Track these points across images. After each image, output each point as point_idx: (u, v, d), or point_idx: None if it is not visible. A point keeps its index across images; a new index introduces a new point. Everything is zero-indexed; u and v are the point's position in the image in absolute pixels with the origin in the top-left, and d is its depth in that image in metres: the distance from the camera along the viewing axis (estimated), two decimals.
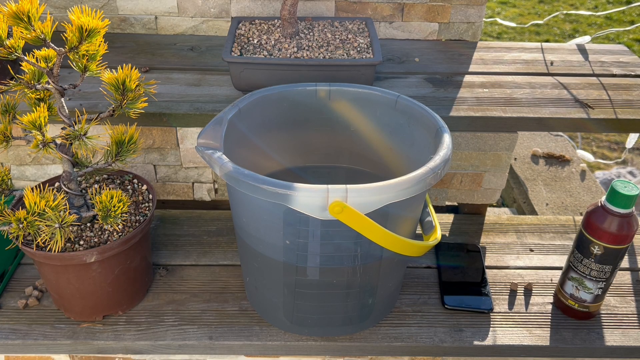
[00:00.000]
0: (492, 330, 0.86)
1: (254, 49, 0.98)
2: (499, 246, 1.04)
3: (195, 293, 0.91)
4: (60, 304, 0.85)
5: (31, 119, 0.69)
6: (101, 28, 0.68)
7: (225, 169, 0.67)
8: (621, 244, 0.79)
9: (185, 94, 0.99)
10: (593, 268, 0.82)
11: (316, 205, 0.64)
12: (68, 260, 0.75)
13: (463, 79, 1.07)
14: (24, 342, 0.82)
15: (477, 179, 1.08)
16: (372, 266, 0.75)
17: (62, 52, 0.68)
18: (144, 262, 0.86)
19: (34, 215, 0.69)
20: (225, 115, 0.78)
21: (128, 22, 1.20)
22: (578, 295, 0.85)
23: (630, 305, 0.91)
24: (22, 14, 0.63)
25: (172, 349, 0.83)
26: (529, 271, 0.98)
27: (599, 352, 0.85)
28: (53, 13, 1.16)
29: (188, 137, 1.01)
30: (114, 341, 0.82)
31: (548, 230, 1.08)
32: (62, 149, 0.75)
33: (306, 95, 0.88)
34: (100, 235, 0.78)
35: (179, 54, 1.13)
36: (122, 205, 0.73)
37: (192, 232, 1.04)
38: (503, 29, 3.15)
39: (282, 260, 0.74)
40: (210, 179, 1.08)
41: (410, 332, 0.85)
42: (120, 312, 0.86)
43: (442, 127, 0.77)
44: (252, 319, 0.86)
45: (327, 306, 0.79)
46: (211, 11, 1.19)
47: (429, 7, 1.19)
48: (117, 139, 0.77)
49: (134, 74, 0.72)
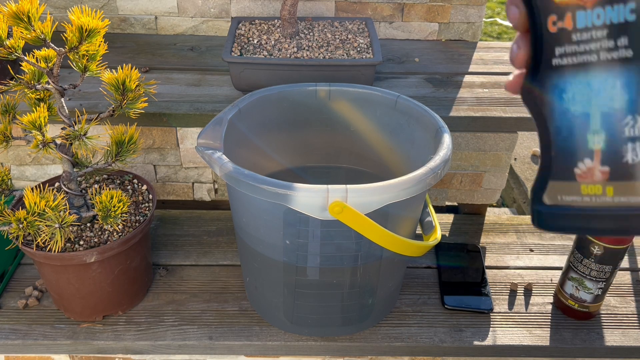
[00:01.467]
0: (492, 330, 0.86)
1: (254, 49, 0.98)
2: (499, 246, 1.04)
3: (195, 293, 0.91)
4: (60, 304, 0.85)
5: (31, 119, 0.69)
6: (101, 28, 0.68)
7: (225, 169, 0.67)
8: (621, 244, 0.79)
9: (185, 94, 0.99)
10: (593, 268, 0.81)
11: (316, 206, 0.64)
12: (68, 261, 0.75)
13: (463, 79, 1.07)
14: (24, 342, 0.82)
15: (477, 179, 1.08)
16: (372, 266, 0.75)
17: (62, 52, 0.68)
18: (144, 262, 0.86)
19: (34, 215, 0.69)
20: (225, 116, 0.78)
21: (128, 22, 1.20)
22: (578, 296, 0.85)
23: (630, 306, 0.91)
24: (22, 14, 0.63)
25: (172, 349, 0.83)
26: (529, 271, 0.98)
27: (599, 352, 0.85)
28: (53, 13, 1.16)
29: (188, 137, 1.01)
30: (114, 341, 0.82)
31: None
32: (62, 149, 0.75)
33: (306, 96, 0.88)
34: (100, 236, 0.78)
35: (179, 54, 1.13)
36: (122, 205, 0.73)
37: (192, 232, 1.04)
38: (503, 29, 3.15)
39: (282, 260, 0.74)
40: (210, 179, 1.08)
41: (410, 332, 0.85)
42: (120, 312, 0.86)
43: (442, 127, 0.77)
44: (252, 319, 0.86)
45: (327, 306, 0.79)
46: (211, 11, 1.19)
47: (429, 7, 1.19)
48: (117, 139, 0.77)
49: (134, 74, 0.72)
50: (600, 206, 0.29)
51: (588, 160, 0.29)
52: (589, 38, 0.28)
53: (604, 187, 0.29)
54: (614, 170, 0.28)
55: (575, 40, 0.29)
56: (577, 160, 0.29)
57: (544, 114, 0.31)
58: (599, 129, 0.28)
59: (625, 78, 0.27)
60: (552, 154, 0.31)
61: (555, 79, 0.30)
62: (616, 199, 0.28)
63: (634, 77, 0.27)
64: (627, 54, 0.27)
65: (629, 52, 0.27)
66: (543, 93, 0.31)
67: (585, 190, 0.30)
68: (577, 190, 0.30)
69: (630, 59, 0.27)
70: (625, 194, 0.28)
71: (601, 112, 0.28)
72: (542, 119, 0.31)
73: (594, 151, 0.29)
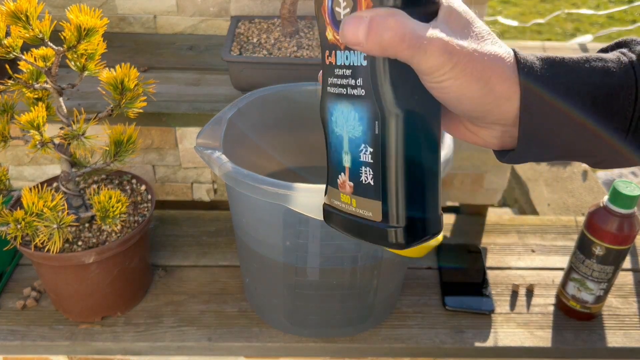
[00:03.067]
0: (494, 331, 0.85)
1: (253, 48, 0.97)
2: (500, 247, 1.03)
3: (194, 294, 0.90)
4: (59, 304, 0.84)
5: (29, 118, 0.68)
6: (100, 27, 0.67)
7: (224, 169, 0.66)
8: (623, 244, 0.78)
9: (185, 94, 0.98)
10: (595, 269, 0.81)
11: (316, 206, 0.63)
12: (66, 261, 0.75)
13: None
14: (22, 344, 0.82)
15: (478, 179, 1.08)
16: (372, 267, 0.75)
17: (61, 52, 0.68)
18: (142, 262, 0.86)
19: (32, 215, 0.68)
20: (224, 115, 0.78)
21: (127, 21, 1.19)
22: (580, 296, 0.85)
23: (633, 306, 0.90)
24: (20, 13, 0.63)
25: (171, 350, 0.83)
26: (531, 272, 0.97)
27: (601, 353, 0.84)
28: (51, 12, 1.16)
29: (187, 137, 1.00)
30: (113, 342, 0.82)
31: (550, 230, 1.07)
32: (61, 149, 0.74)
33: (306, 95, 0.87)
34: (98, 236, 0.78)
35: (178, 53, 1.13)
36: (121, 205, 0.72)
37: (191, 233, 1.04)
38: (504, 28, 3.15)
39: (282, 261, 0.73)
40: (210, 179, 1.08)
41: (411, 334, 0.84)
42: (119, 313, 0.86)
43: None
44: (252, 320, 0.86)
45: (327, 307, 0.79)
46: (210, 10, 1.18)
47: None
48: (115, 139, 0.76)
49: (132, 73, 0.72)
50: (350, 213, 0.35)
51: (342, 175, 0.35)
52: (342, 74, 0.33)
53: (351, 198, 0.34)
54: (356, 186, 0.34)
55: (337, 74, 0.33)
56: (338, 173, 0.35)
57: (324, 130, 0.36)
58: (347, 150, 0.34)
59: (360, 112, 0.32)
60: (328, 164, 0.37)
61: (329, 103, 0.35)
62: (359, 211, 0.34)
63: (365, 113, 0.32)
64: (361, 93, 0.31)
65: (362, 91, 0.31)
66: (323, 113, 0.36)
67: (343, 198, 0.35)
68: (339, 197, 0.36)
69: (363, 97, 0.31)
70: (363, 208, 0.34)
71: (349, 137, 0.33)
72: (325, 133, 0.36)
73: (346, 167, 0.34)
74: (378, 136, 0.31)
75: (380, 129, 0.31)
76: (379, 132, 0.31)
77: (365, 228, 0.34)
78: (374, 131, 0.32)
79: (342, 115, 0.34)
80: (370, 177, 0.33)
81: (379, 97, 0.31)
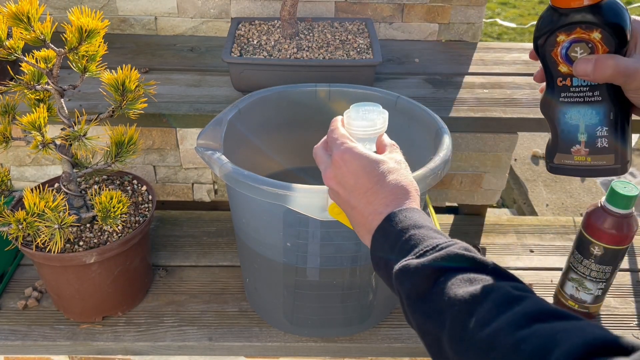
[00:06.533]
0: None
1: (253, 49, 0.98)
2: (499, 247, 1.03)
3: (194, 294, 0.91)
4: (60, 304, 0.85)
5: (31, 119, 0.69)
6: (101, 29, 0.68)
7: (224, 169, 0.67)
8: (621, 244, 0.78)
9: (185, 95, 0.99)
10: (593, 269, 0.81)
11: (316, 206, 0.64)
12: (67, 261, 0.75)
13: (463, 80, 1.07)
14: (23, 343, 0.82)
15: (477, 180, 1.08)
16: (371, 267, 0.75)
17: (62, 53, 0.68)
18: (143, 263, 0.86)
19: (34, 216, 0.69)
20: (225, 116, 0.78)
21: (128, 22, 1.20)
22: (578, 296, 0.85)
23: (630, 306, 0.91)
24: (21, 15, 0.63)
25: (172, 350, 0.83)
26: (529, 272, 0.97)
27: None
28: (53, 14, 1.16)
29: (188, 137, 1.01)
30: (114, 342, 0.82)
31: (548, 231, 1.08)
32: (62, 150, 0.75)
33: (306, 96, 0.88)
34: (99, 236, 0.78)
35: (178, 54, 1.13)
36: (122, 206, 0.72)
37: (191, 233, 1.04)
38: (503, 29, 3.15)
39: (282, 261, 0.74)
40: (210, 180, 1.08)
41: (410, 333, 0.85)
42: (120, 313, 0.86)
43: (442, 127, 0.77)
44: (252, 320, 0.86)
45: (326, 307, 0.79)
46: (211, 12, 1.19)
47: (429, 7, 1.19)
48: (116, 140, 0.77)
49: (133, 74, 0.72)
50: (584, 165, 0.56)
51: (577, 145, 0.56)
52: (579, 90, 0.54)
53: (586, 157, 0.56)
54: (591, 150, 0.55)
55: (572, 90, 0.55)
56: (572, 145, 0.56)
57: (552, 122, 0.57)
58: (584, 131, 0.55)
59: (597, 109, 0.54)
60: (559, 140, 0.57)
61: (562, 107, 0.56)
62: (593, 162, 0.55)
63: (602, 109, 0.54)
64: (599, 98, 0.54)
65: (600, 97, 0.53)
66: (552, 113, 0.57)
67: (577, 159, 0.56)
68: (572, 158, 0.57)
69: (601, 101, 0.53)
70: (598, 161, 0.55)
71: (585, 124, 0.55)
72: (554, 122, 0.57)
73: (582, 142, 0.56)
74: (612, 120, 0.53)
75: (613, 116, 0.53)
76: (613, 118, 0.53)
77: (599, 170, 0.55)
78: (609, 117, 0.53)
79: (578, 112, 0.55)
80: (605, 142, 0.54)
81: (614, 99, 0.53)
